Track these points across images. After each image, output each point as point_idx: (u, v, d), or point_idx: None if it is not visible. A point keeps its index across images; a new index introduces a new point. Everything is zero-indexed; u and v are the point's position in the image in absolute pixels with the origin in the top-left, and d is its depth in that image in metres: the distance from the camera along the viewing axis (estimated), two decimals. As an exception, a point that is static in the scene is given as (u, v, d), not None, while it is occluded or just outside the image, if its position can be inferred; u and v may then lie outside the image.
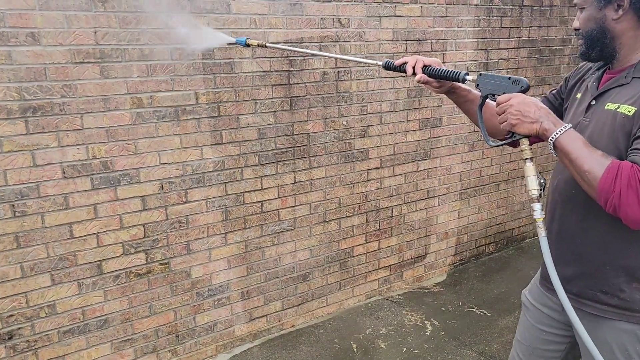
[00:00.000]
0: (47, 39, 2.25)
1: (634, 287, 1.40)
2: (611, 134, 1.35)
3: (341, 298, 3.54)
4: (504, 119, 1.36)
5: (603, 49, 1.42)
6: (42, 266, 2.44)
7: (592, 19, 1.40)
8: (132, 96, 2.50)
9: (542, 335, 1.70)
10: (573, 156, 1.27)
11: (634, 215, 1.20)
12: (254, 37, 2.76)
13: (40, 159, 2.34)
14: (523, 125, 1.32)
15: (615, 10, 1.36)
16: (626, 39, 1.38)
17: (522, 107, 1.32)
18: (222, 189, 2.86)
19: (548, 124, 1.30)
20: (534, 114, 1.31)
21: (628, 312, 1.42)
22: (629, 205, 1.19)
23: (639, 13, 1.35)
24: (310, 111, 3.08)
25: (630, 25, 1.37)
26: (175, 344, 2.90)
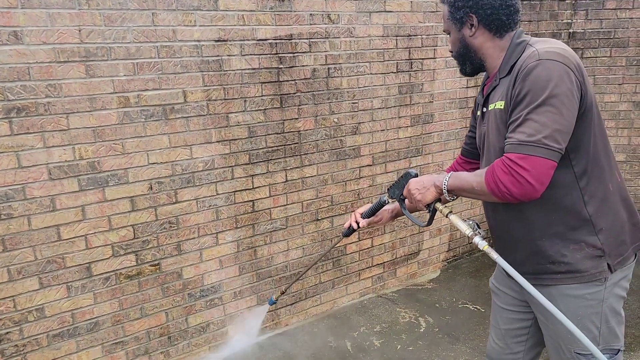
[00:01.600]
0: (30, 37, 2.21)
1: (572, 249, 1.56)
2: (497, 129, 1.57)
3: (335, 296, 3.52)
4: (413, 201, 1.71)
5: (472, 62, 1.69)
6: (29, 269, 2.39)
7: (457, 40, 1.68)
8: (118, 95, 2.46)
9: (509, 315, 1.86)
10: (462, 186, 1.55)
11: (521, 190, 1.40)
12: (241, 33, 2.73)
13: (26, 160, 2.30)
14: (425, 195, 1.65)
15: (469, 28, 1.62)
16: (486, 49, 1.64)
17: (417, 185, 1.67)
18: (212, 188, 2.83)
19: (438, 181, 1.62)
20: (426, 184, 1.65)
21: (577, 273, 1.56)
22: (512, 186, 1.40)
23: (488, 27, 1.60)
24: (300, 109, 3.05)
25: (484, 38, 1.62)
26: (167, 345, 2.87)
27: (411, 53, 3.46)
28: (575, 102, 1.42)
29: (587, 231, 1.55)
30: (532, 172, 1.38)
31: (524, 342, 1.87)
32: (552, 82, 1.39)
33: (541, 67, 1.42)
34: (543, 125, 1.39)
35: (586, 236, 1.55)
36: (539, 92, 1.40)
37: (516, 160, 1.39)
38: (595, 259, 1.55)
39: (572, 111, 1.42)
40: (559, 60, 1.42)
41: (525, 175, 1.38)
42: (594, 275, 1.55)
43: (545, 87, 1.39)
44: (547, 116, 1.39)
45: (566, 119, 1.40)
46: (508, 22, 1.59)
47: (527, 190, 1.39)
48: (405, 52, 3.42)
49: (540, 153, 1.38)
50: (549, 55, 1.43)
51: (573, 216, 1.55)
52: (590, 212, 1.54)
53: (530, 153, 1.38)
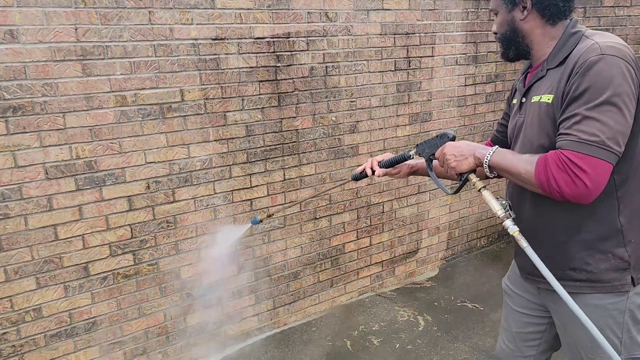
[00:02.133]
0: (26, 36, 2.19)
1: (597, 259, 1.48)
2: (540, 123, 1.48)
3: (333, 295, 3.51)
4: (446, 167, 1.58)
5: (517, 47, 1.58)
6: (26, 269, 2.38)
7: (504, 21, 1.58)
8: (115, 94, 2.45)
9: (523, 319, 1.79)
10: (507, 166, 1.44)
11: (574, 192, 1.31)
12: (239, 31, 2.72)
13: (22, 159, 2.28)
14: (461, 163, 1.53)
15: (521, 11, 1.52)
16: (535, 36, 1.54)
17: (454, 150, 1.54)
18: (210, 187, 2.82)
19: (479, 153, 1.49)
20: (465, 151, 1.52)
21: (599, 283, 1.49)
22: (566, 185, 1.31)
23: (542, 12, 1.50)
24: (298, 107, 3.04)
25: (536, 24, 1.53)
26: (165, 345, 2.86)
27: (409, 51, 3.45)
28: (634, 103, 1.35)
29: (616, 242, 1.47)
30: (591, 175, 1.29)
31: (536, 346, 1.81)
32: (615, 79, 1.31)
33: (603, 63, 1.33)
34: (606, 126, 1.30)
35: (614, 247, 1.47)
36: (601, 90, 1.31)
37: (574, 160, 1.30)
38: (620, 271, 1.48)
39: (632, 113, 1.34)
40: (621, 56, 1.34)
41: (582, 177, 1.29)
42: (615, 287, 1.49)
43: (607, 84, 1.31)
44: (610, 116, 1.30)
45: (627, 121, 1.32)
46: (564, 9, 1.50)
47: (581, 192, 1.31)
48: (403, 50, 3.41)
49: (602, 155, 1.29)
50: (611, 51, 1.34)
51: (604, 225, 1.47)
52: (622, 222, 1.46)
53: (591, 154, 1.29)
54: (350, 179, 2.01)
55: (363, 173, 1.93)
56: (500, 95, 4.09)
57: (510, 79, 4.11)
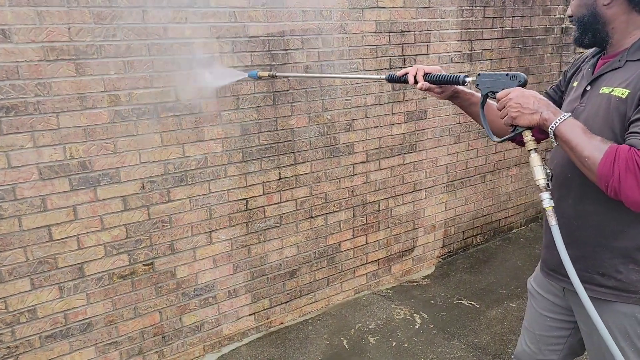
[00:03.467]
0: (19, 36, 2.18)
1: (630, 268, 1.41)
2: (606, 117, 1.36)
3: (330, 294, 3.51)
4: (504, 113, 1.39)
5: (595, 34, 1.44)
6: (20, 270, 2.37)
7: (584, 4, 1.44)
8: (109, 94, 2.43)
9: (547, 322, 1.73)
10: (573, 143, 1.28)
11: (634, 197, 1.21)
12: (233, 30, 2.71)
13: (16, 160, 2.27)
14: (523, 117, 1.34)
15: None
16: (618, 24, 1.41)
17: (521, 99, 1.35)
18: (205, 187, 2.81)
19: (547, 114, 1.32)
20: (533, 105, 1.33)
21: (625, 293, 1.43)
22: (629, 188, 1.20)
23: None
24: (293, 106, 3.03)
25: (621, 10, 1.39)
26: (161, 345, 2.85)
27: (404, 49, 3.44)
28: None
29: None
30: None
31: (559, 350, 1.75)
32: None
33: None
34: None
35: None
36: None
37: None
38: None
39: None
40: None
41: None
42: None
43: None
44: None
45: None
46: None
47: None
48: (398, 48, 3.41)
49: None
50: None
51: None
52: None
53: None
54: (385, 77, 1.78)
55: (404, 77, 1.71)
56: (496, 93, 4.09)
57: (505, 76, 4.10)
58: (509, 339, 3.10)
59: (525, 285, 3.61)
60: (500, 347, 3.02)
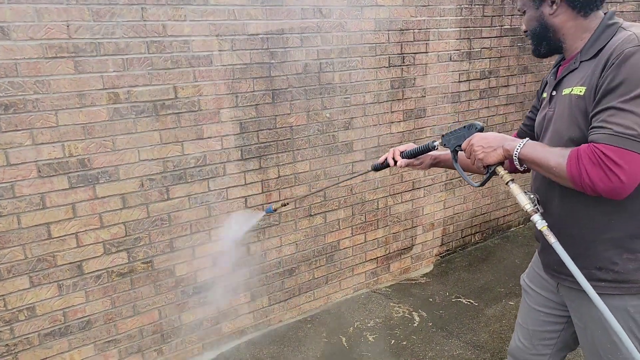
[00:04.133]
0: (17, 33, 2.17)
1: (625, 258, 1.44)
2: (570, 116, 1.44)
3: (328, 292, 3.51)
4: (473, 159, 1.54)
5: (549, 42, 1.55)
6: (19, 268, 2.37)
7: (533, 18, 1.55)
8: (108, 91, 2.43)
9: (540, 317, 1.77)
10: (538, 160, 1.40)
11: (608, 187, 1.27)
12: (232, 28, 2.71)
13: (14, 157, 2.27)
14: (489, 155, 1.49)
15: (549, 6, 1.49)
16: (567, 30, 1.50)
17: (482, 142, 1.51)
18: (204, 185, 2.81)
19: (508, 145, 1.45)
20: (493, 143, 1.48)
21: (625, 284, 1.45)
22: (599, 180, 1.27)
23: (572, 4, 1.46)
24: (292, 104, 3.03)
25: (567, 17, 1.49)
26: (160, 343, 2.85)
27: (403, 47, 3.44)
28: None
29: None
30: (626, 169, 1.25)
31: (552, 345, 1.78)
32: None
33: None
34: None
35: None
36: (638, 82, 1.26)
37: (609, 154, 1.26)
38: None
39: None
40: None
41: (617, 172, 1.25)
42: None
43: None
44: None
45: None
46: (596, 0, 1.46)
47: (615, 187, 1.27)
48: (397, 46, 3.41)
49: (638, 149, 1.25)
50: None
51: (635, 223, 1.43)
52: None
53: (627, 147, 1.25)
54: (371, 168, 1.98)
55: (385, 163, 1.91)
56: (494, 92, 4.10)
57: (503, 75, 4.12)
58: (507, 336, 3.11)
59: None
60: (499, 345, 3.03)
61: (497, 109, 4.18)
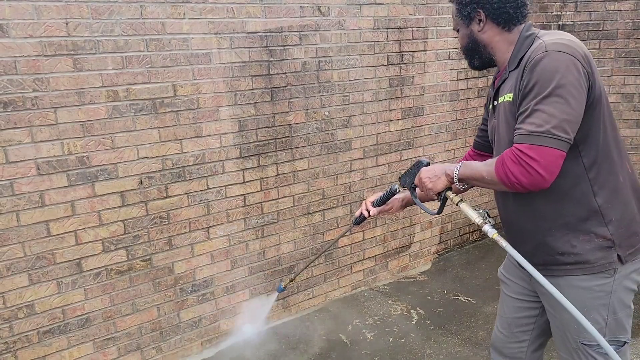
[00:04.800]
0: (17, 30, 2.17)
1: (581, 240, 1.56)
2: (507, 122, 1.58)
3: (327, 290, 3.52)
4: (424, 190, 1.72)
5: (481, 56, 1.71)
6: (18, 266, 2.37)
7: (465, 35, 1.71)
8: (107, 89, 2.43)
9: (516, 304, 1.88)
10: (473, 175, 1.57)
11: (530, 180, 1.41)
12: (231, 26, 2.71)
13: (14, 155, 2.27)
14: (436, 183, 1.66)
15: (477, 24, 1.66)
16: (495, 44, 1.66)
17: (428, 174, 1.69)
18: (203, 182, 2.81)
19: (449, 170, 1.63)
20: (437, 172, 1.66)
21: (587, 264, 1.57)
22: (522, 176, 1.41)
23: (496, 21, 1.63)
24: (291, 102, 3.04)
25: (493, 33, 1.65)
26: (159, 341, 2.86)
27: (402, 46, 3.45)
28: (582, 92, 1.43)
29: (597, 222, 1.55)
30: (541, 162, 1.39)
31: (529, 331, 1.88)
32: (559, 72, 1.41)
33: (548, 59, 1.43)
34: (551, 116, 1.40)
35: (596, 227, 1.55)
36: (546, 83, 1.41)
37: (525, 151, 1.41)
38: (605, 249, 1.55)
39: (580, 101, 1.43)
40: (566, 51, 1.43)
41: (534, 166, 1.40)
42: (603, 266, 1.56)
43: (552, 78, 1.41)
44: (555, 106, 1.40)
45: (574, 109, 1.41)
46: (516, 15, 1.61)
47: (536, 180, 1.41)
48: (395, 44, 3.41)
49: (548, 143, 1.39)
50: (556, 47, 1.44)
51: (582, 207, 1.55)
52: (599, 202, 1.54)
53: (539, 143, 1.40)
54: (353, 224, 2.16)
55: (361, 216, 2.10)
56: (492, 90, 4.10)
57: (502, 73, 4.12)
58: (505, 334, 3.12)
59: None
60: (497, 343, 3.04)
61: (495, 108, 4.19)
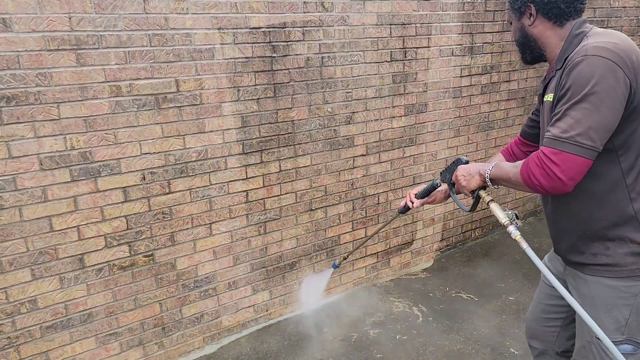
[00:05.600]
0: (20, 25, 2.16)
1: (616, 244, 1.59)
2: (548, 121, 1.60)
3: (329, 286, 3.52)
4: (459, 186, 1.81)
5: (532, 50, 1.72)
6: (21, 261, 2.37)
7: (517, 29, 1.73)
8: (110, 84, 2.42)
9: (548, 291, 1.93)
10: (502, 176, 1.63)
11: (550, 184, 1.45)
12: (234, 21, 2.70)
13: (16, 150, 2.26)
14: (470, 182, 1.75)
15: (528, 18, 1.66)
16: (545, 39, 1.66)
17: (464, 172, 1.78)
18: (205, 178, 2.81)
19: (482, 170, 1.70)
20: (472, 171, 1.74)
21: (617, 267, 1.59)
22: (543, 179, 1.45)
23: (547, 16, 1.62)
24: (294, 98, 3.03)
25: (544, 27, 1.64)
26: (161, 336, 2.86)
27: (405, 42, 3.44)
28: (618, 100, 1.42)
29: (632, 228, 1.56)
30: (562, 168, 1.42)
31: (560, 319, 1.92)
32: (594, 79, 1.40)
33: (585, 63, 1.42)
34: (577, 122, 1.41)
35: (630, 233, 1.56)
36: (579, 89, 1.41)
37: (549, 155, 1.44)
38: (637, 255, 1.57)
39: (613, 109, 1.42)
40: (606, 56, 1.41)
41: (555, 170, 1.43)
42: (633, 270, 1.58)
43: (586, 83, 1.40)
44: (583, 113, 1.40)
45: (604, 117, 1.41)
46: (568, 10, 1.60)
47: (556, 184, 1.44)
48: (399, 40, 3.40)
49: (571, 150, 1.41)
50: (596, 51, 1.42)
51: (618, 212, 1.56)
52: (636, 209, 1.55)
53: (562, 149, 1.42)
54: (398, 212, 2.26)
55: (406, 207, 2.18)
56: (496, 87, 4.09)
57: (505, 70, 4.11)
58: (507, 331, 3.12)
59: (523, 278, 3.64)
60: (499, 340, 3.04)
61: (499, 104, 4.18)
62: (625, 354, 1.60)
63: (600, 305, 1.63)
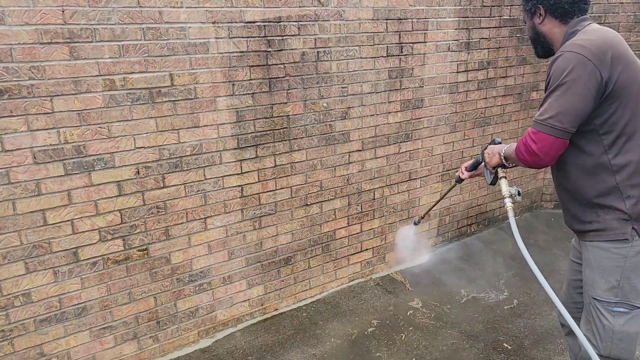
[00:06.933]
0: (12, 18, 2.16)
1: (604, 211, 1.81)
2: None
3: (324, 281, 3.53)
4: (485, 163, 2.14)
5: (542, 46, 1.96)
6: (15, 254, 2.37)
7: (529, 27, 1.98)
8: (104, 78, 2.42)
9: (573, 267, 2.13)
10: (510, 155, 1.93)
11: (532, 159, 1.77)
12: (229, 15, 2.69)
13: (9, 144, 2.26)
14: (492, 159, 2.08)
15: (538, 17, 1.91)
16: (553, 35, 1.90)
17: (489, 151, 2.10)
18: (200, 173, 2.81)
19: (500, 151, 2.02)
20: (494, 151, 2.06)
21: (606, 232, 1.82)
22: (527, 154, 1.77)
23: (553, 15, 1.86)
24: (289, 93, 3.02)
25: (552, 25, 1.89)
26: (156, 330, 2.87)
27: (401, 37, 3.43)
28: (587, 89, 1.65)
29: (615, 197, 1.78)
30: (539, 145, 1.73)
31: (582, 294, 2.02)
32: (566, 71, 1.66)
33: (561, 58, 1.70)
34: (550, 107, 1.70)
35: (614, 202, 1.78)
36: (555, 79, 1.69)
37: (530, 134, 1.75)
38: (622, 221, 1.78)
39: (581, 96, 1.66)
40: (579, 52, 1.66)
41: (533, 147, 1.74)
42: (619, 234, 1.79)
43: (559, 75, 1.68)
44: (556, 99, 1.69)
45: (572, 103, 1.67)
46: (572, 10, 1.82)
47: (534, 159, 1.76)
48: (395, 35, 3.39)
49: (545, 130, 1.71)
50: (572, 47, 1.69)
51: (603, 184, 1.78)
52: (618, 180, 1.76)
53: (539, 129, 1.73)
54: (455, 181, 2.53)
55: (459, 177, 2.44)
56: (492, 82, 4.09)
57: (502, 65, 4.11)
58: (501, 327, 3.13)
59: (520, 274, 3.64)
60: (493, 336, 3.05)
61: (495, 100, 4.17)
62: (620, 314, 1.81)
63: (596, 268, 1.84)
